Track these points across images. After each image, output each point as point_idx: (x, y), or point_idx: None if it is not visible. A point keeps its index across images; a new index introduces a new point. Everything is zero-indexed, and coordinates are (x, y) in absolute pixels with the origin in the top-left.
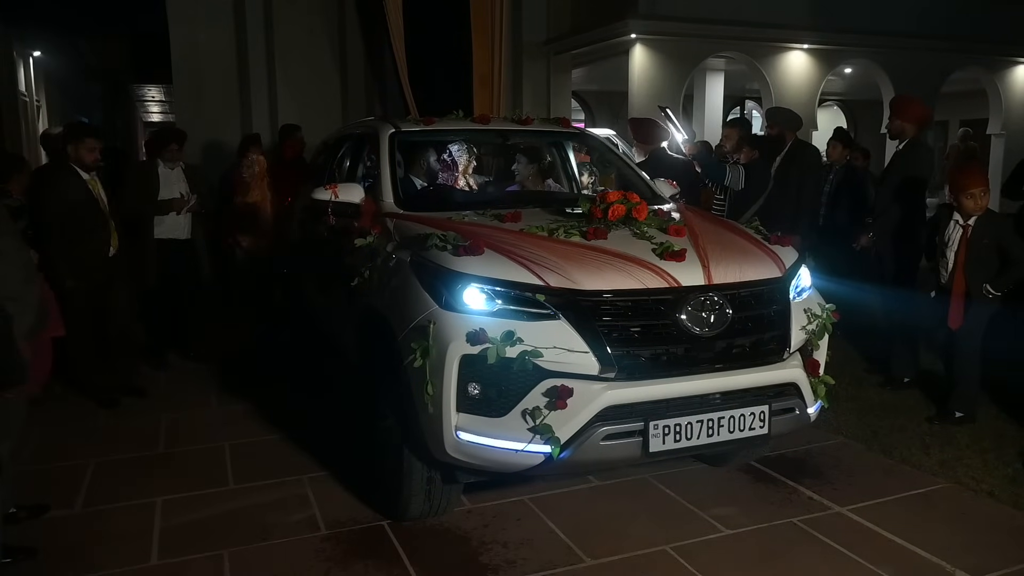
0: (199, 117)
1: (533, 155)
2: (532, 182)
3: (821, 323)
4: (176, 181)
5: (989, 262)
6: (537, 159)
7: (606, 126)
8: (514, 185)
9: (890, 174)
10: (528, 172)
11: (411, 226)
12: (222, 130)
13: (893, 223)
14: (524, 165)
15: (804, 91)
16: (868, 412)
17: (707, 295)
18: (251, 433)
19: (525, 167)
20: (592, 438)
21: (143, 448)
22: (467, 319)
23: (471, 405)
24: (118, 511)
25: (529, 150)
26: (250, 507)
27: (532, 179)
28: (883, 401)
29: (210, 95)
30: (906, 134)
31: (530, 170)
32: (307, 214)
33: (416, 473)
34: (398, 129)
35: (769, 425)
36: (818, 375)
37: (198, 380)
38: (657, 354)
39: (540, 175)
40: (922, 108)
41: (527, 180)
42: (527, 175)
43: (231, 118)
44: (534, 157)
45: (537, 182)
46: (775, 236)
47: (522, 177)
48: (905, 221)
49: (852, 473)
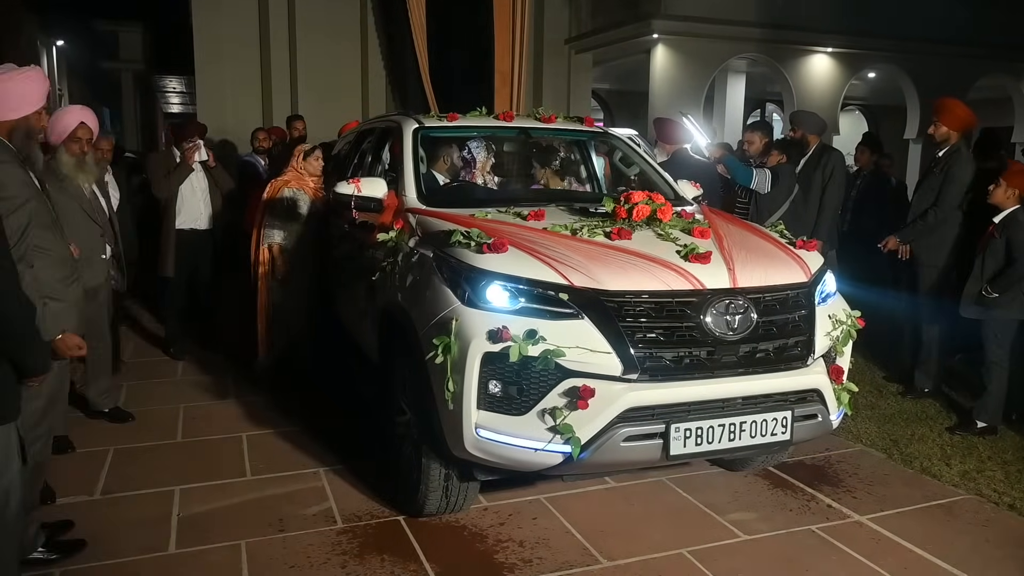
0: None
1: (555, 154)
2: (554, 181)
3: (845, 329)
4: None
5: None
6: (560, 158)
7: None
8: (537, 184)
9: (928, 180)
10: (550, 171)
11: (434, 222)
12: (243, 121)
13: (930, 232)
14: (546, 164)
15: (827, 95)
16: (888, 420)
17: (732, 298)
18: (268, 424)
19: (547, 166)
20: (613, 439)
21: (162, 436)
22: (490, 316)
23: (492, 403)
24: (137, 498)
25: (551, 148)
26: (267, 498)
27: (554, 178)
28: (903, 410)
29: (231, 86)
30: (950, 140)
31: (552, 169)
32: (328, 207)
33: (434, 470)
34: (421, 124)
35: (791, 431)
36: (841, 382)
37: (215, 371)
38: (680, 356)
39: (562, 174)
40: (967, 113)
41: (549, 179)
42: (549, 174)
43: (251, 110)
44: (556, 156)
45: (559, 181)
46: (801, 240)
47: (544, 176)
48: (946, 230)
49: (871, 482)
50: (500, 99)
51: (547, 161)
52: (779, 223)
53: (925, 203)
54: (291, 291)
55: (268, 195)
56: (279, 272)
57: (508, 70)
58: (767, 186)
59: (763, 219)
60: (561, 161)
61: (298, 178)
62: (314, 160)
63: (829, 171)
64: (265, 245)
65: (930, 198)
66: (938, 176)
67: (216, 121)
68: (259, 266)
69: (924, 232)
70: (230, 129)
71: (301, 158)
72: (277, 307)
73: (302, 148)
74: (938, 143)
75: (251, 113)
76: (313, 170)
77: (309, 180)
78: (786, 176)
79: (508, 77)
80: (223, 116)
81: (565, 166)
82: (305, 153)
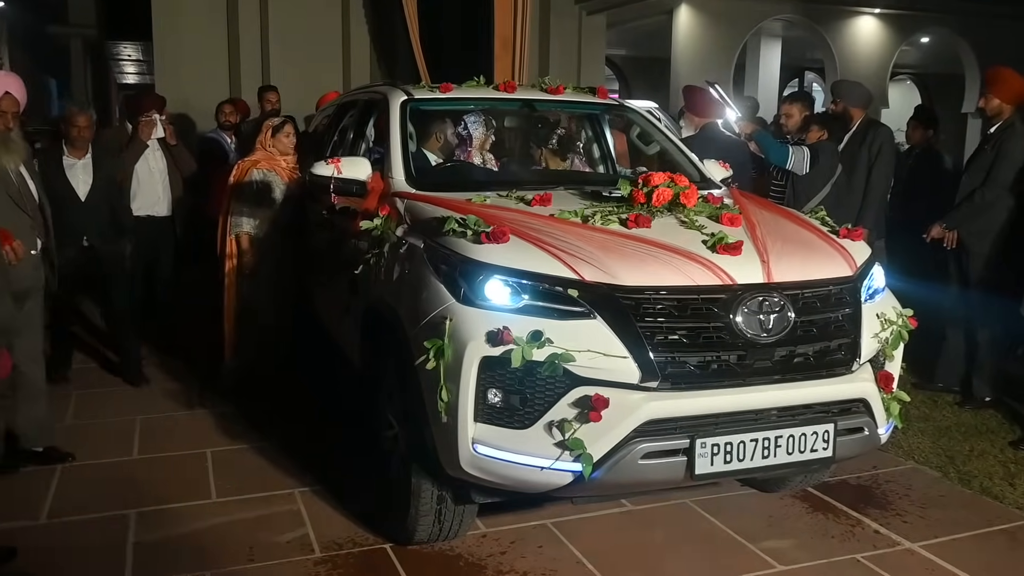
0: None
1: (564, 130)
2: (562, 161)
3: (896, 331)
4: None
5: None
6: (569, 134)
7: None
8: (543, 164)
9: (978, 158)
10: (558, 149)
11: (425, 208)
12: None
13: (978, 215)
14: (553, 141)
15: (874, 63)
16: (943, 434)
17: (766, 295)
18: (237, 438)
19: (555, 143)
20: (629, 456)
21: (116, 453)
22: (489, 316)
23: (491, 415)
24: (88, 523)
25: (560, 124)
26: (235, 523)
27: (562, 157)
28: (961, 422)
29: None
30: (1002, 114)
31: (561, 147)
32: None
33: (425, 491)
34: (410, 96)
35: (834, 447)
36: (891, 391)
37: (178, 376)
38: (707, 361)
39: (572, 153)
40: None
41: (556, 158)
42: (557, 153)
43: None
44: (565, 132)
45: (568, 161)
46: (845, 229)
47: (550, 155)
48: (994, 214)
49: (925, 504)
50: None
51: (555, 138)
52: (820, 208)
53: (974, 184)
54: (262, 286)
55: (235, 178)
56: (248, 265)
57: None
58: (806, 166)
59: (801, 204)
60: (570, 138)
61: (268, 158)
62: (284, 137)
63: (876, 149)
64: (232, 235)
65: (980, 178)
66: (989, 154)
67: (177, 93)
68: (226, 259)
69: (972, 216)
70: (193, 102)
71: (269, 135)
72: (247, 305)
73: (270, 123)
74: (989, 117)
75: (216, 84)
76: (284, 148)
77: (281, 160)
78: (827, 155)
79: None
80: (184, 87)
81: (575, 144)
82: (274, 129)
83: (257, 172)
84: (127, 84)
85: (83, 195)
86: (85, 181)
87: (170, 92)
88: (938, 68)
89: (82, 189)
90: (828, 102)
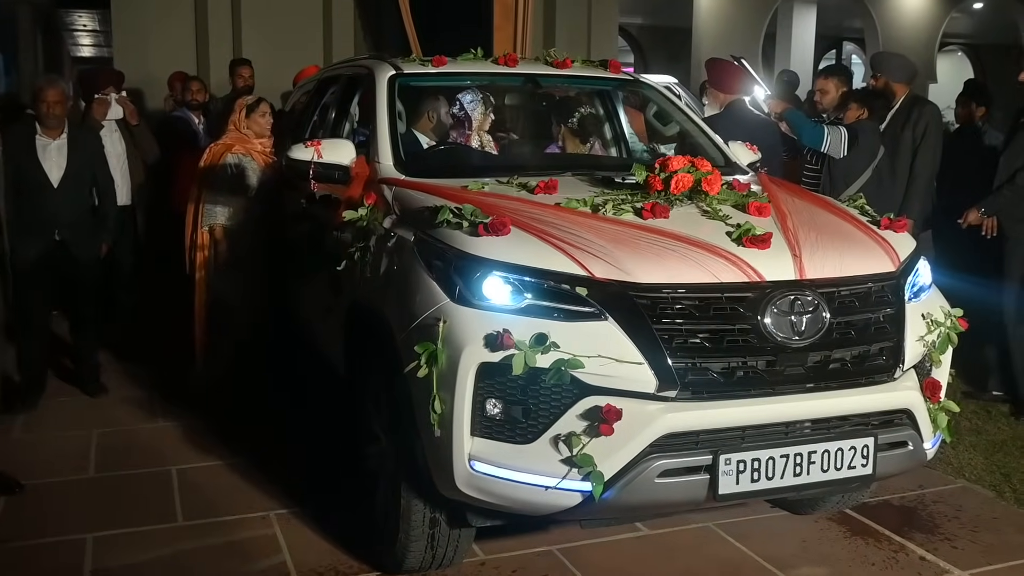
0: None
1: (573, 108)
2: (571, 143)
3: (944, 333)
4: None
5: None
6: (578, 113)
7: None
8: (551, 146)
9: (1018, 138)
10: (566, 130)
11: (416, 196)
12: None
13: (1018, 198)
14: (561, 121)
15: (920, 32)
16: (998, 449)
17: (798, 293)
18: (206, 454)
19: (562, 123)
20: (645, 474)
21: (71, 471)
22: (487, 317)
23: (490, 428)
24: (40, 549)
25: (567, 101)
26: (204, 550)
27: (571, 139)
28: (1017, 435)
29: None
30: None
31: (569, 127)
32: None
33: (416, 513)
34: (399, 71)
35: (874, 463)
36: (938, 400)
37: (139, 384)
38: (732, 368)
39: (582, 134)
40: None
41: (565, 140)
42: (565, 134)
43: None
44: (574, 110)
45: (578, 143)
46: (887, 218)
47: (570, 135)
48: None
49: (977, 527)
50: (501, 38)
51: (562, 117)
52: (859, 196)
53: (1013, 165)
54: (238, 283)
55: (207, 163)
56: (222, 260)
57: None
58: (843, 149)
59: (838, 191)
60: (580, 117)
61: (242, 140)
62: (259, 116)
63: (921, 129)
64: (205, 227)
65: (1021, 160)
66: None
67: (138, 68)
68: (196, 252)
69: (1015, 201)
70: (155, 78)
71: (243, 115)
72: (220, 303)
73: (243, 102)
74: None
75: (182, 57)
76: (260, 129)
77: (256, 143)
78: (867, 136)
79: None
80: (146, 62)
81: (584, 124)
82: (248, 108)
83: (231, 156)
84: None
85: (56, 180)
86: (59, 165)
87: (130, 67)
88: (992, 38)
89: (55, 174)
90: (868, 76)
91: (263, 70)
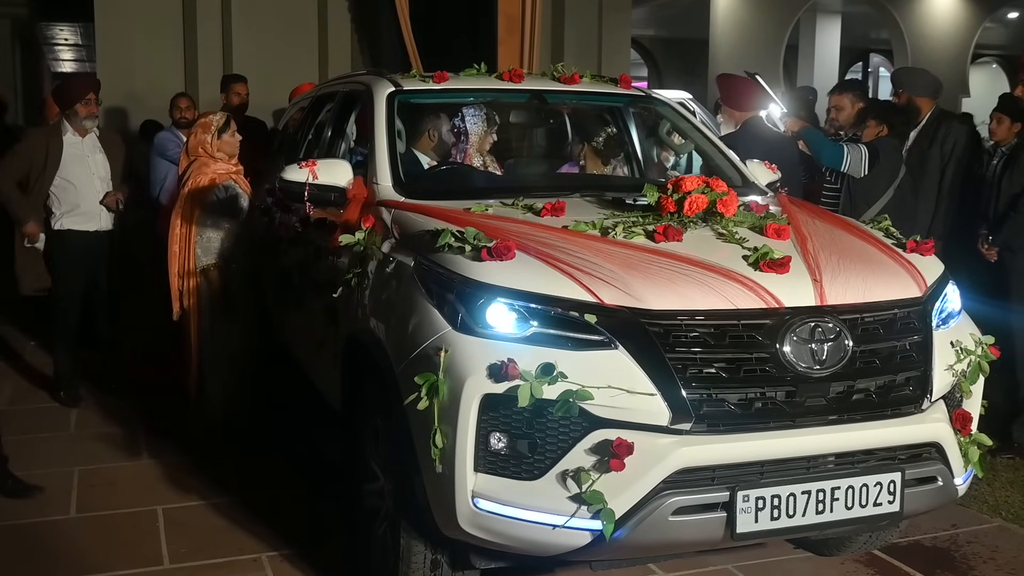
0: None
1: (597, 126)
2: (592, 162)
3: (974, 362)
4: (89, 152)
5: None
6: (604, 133)
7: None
8: (570, 165)
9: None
10: (602, 149)
11: (416, 219)
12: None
13: None
14: (570, 139)
15: (952, 43)
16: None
17: (819, 320)
18: (193, 493)
19: (571, 142)
20: (658, 512)
21: (50, 511)
22: (491, 346)
23: (494, 463)
24: None
25: (577, 119)
26: None
27: (592, 158)
28: None
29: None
30: None
31: (592, 147)
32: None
33: (416, 554)
34: (399, 88)
35: (901, 500)
36: (969, 432)
37: (121, 421)
38: (749, 399)
39: (605, 154)
40: None
41: (599, 160)
42: (600, 153)
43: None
44: (599, 129)
45: (599, 163)
46: (913, 241)
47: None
48: None
49: (1014, 570)
50: (506, 52)
51: (586, 135)
52: (884, 217)
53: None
54: (237, 327)
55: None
56: (219, 304)
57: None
58: (864, 168)
59: (860, 211)
60: (606, 137)
61: (218, 166)
62: (230, 136)
63: (949, 147)
64: (200, 268)
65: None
66: None
67: (122, 83)
68: (187, 297)
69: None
70: (140, 94)
71: (215, 136)
72: (220, 352)
73: (209, 122)
74: None
75: (169, 73)
76: (231, 150)
77: (231, 164)
78: (888, 154)
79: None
80: (132, 77)
81: (610, 143)
82: (219, 129)
83: (219, 189)
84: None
85: None
86: None
87: (114, 82)
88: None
89: None
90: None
91: (255, 86)
